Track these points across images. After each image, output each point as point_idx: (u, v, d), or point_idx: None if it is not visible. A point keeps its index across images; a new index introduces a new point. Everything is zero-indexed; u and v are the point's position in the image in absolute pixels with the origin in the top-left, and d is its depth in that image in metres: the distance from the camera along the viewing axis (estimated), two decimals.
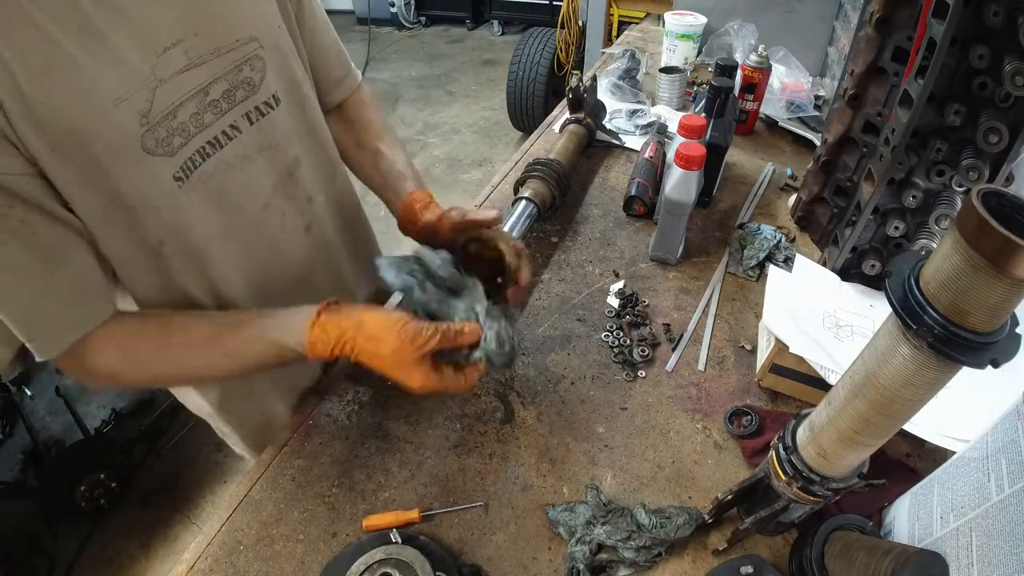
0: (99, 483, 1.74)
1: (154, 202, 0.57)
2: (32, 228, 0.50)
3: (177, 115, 0.56)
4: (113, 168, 0.53)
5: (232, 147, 0.63)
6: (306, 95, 0.73)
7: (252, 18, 0.64)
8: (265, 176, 0.68)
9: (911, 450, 0.72)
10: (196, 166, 0.60)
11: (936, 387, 0.41)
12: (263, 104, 0.65)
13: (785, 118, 1.41)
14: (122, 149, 0.53)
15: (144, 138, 0.54)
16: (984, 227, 0.32)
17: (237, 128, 0.63)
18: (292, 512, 0.67)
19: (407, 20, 5.55)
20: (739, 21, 1.63)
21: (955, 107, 0.68)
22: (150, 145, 0.55)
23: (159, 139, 0.55)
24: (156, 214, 0.58)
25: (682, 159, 0.89)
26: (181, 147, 0.57)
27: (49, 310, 0.55)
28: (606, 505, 0.65)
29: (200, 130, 0.59)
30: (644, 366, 0.84)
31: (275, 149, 0.68)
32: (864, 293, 0.87)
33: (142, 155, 0.54)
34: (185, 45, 0.56)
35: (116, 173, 0.54)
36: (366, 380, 0.82)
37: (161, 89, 0.54)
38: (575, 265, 1.02)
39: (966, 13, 0.63)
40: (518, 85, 3.36)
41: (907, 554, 0.46)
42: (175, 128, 0.56)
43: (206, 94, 0.59)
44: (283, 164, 0.70)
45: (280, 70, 0.67)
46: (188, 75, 0.57)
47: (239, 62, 0.62)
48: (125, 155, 0.53)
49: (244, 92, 0.63)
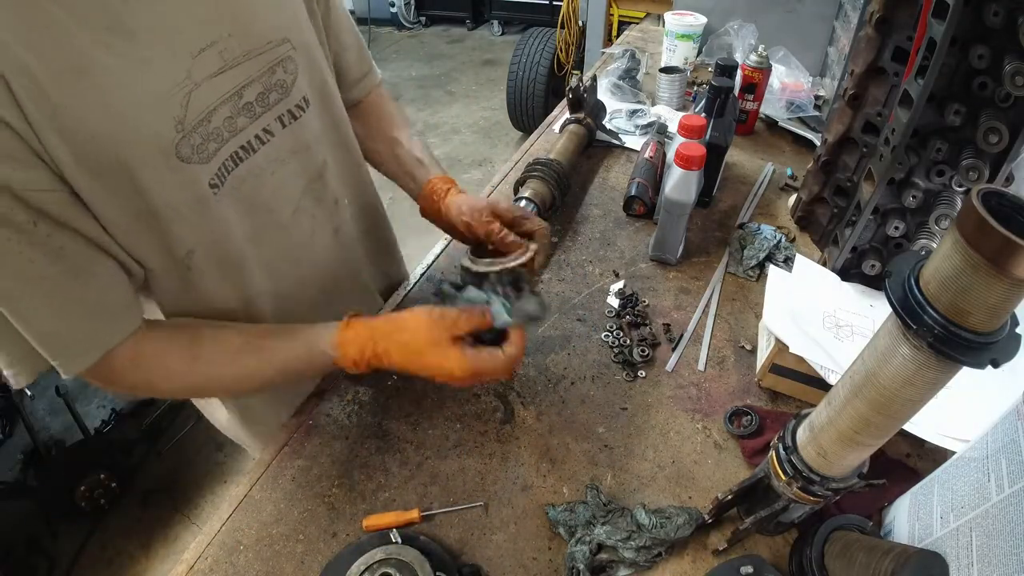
0: (99, 483, 1.74)
1: (187, 211, 0.55)
2: (58, 243, 0.49)
3: (212, 120, 0.54)
4: (145, 177, 0.51)
5: (264, 151, 0.62)
6: (333, 96, 0.72)
7: (283, 19, 0.62)
8: (296, 179, 0.67)
9: (911, 450, 0.72)
10: (229, 172, 0.58)
11: (936, 387, 0.41)
12: (295, 107, 0.64)
13: (785, 118, 1.41)
14: (156, 157, 0.51)
15: (180, 145, 0.52)
16: (984, 227, 0.32)
17: (270, 132, 0.62)
18: (292, 512, 0.67)
19: (407, 20, 5.55)
20: (739, 21, 1.63)
21: (955, 107, 0.68)
22: (185, 152, 0.53)
23: (194, 146, 0.53)
24: (188, 223, 0.56)
25: (682, 159, 0.89)
26: (215, 153, 0.56)
27: (75, 326, 0.53)
28: (606, 505, 0.65)
29: (233, 135, 0.57)
30: (644, 366, 0.84)
31: (306, 152, 0.67)
32: (864, 293, 0.87)
33: (177, 163, 0.52)
34: (220, 46, 0.54)
35: (148, 181, 0.51)
36: (366, 380, 0.82)
37: (196, 93, 0.53)
38: (575, 265, 1.02)
39: (966, 13, 0.63)
40: (518, 85, 3.36)
41: (907, 554, 0.46)
42: (210, 133, 0.55)
43: (240, 97, 0.57)
44: (313, 167, 0.69)
45: (310, 71, 0.66)
46: (223, 77, 0.55)
47: (272, 64, 0.60)
48: (159, 163, 0.51)
49: (277, 95, 0.61)
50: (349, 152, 0.77)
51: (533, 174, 1.05)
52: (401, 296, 0.95)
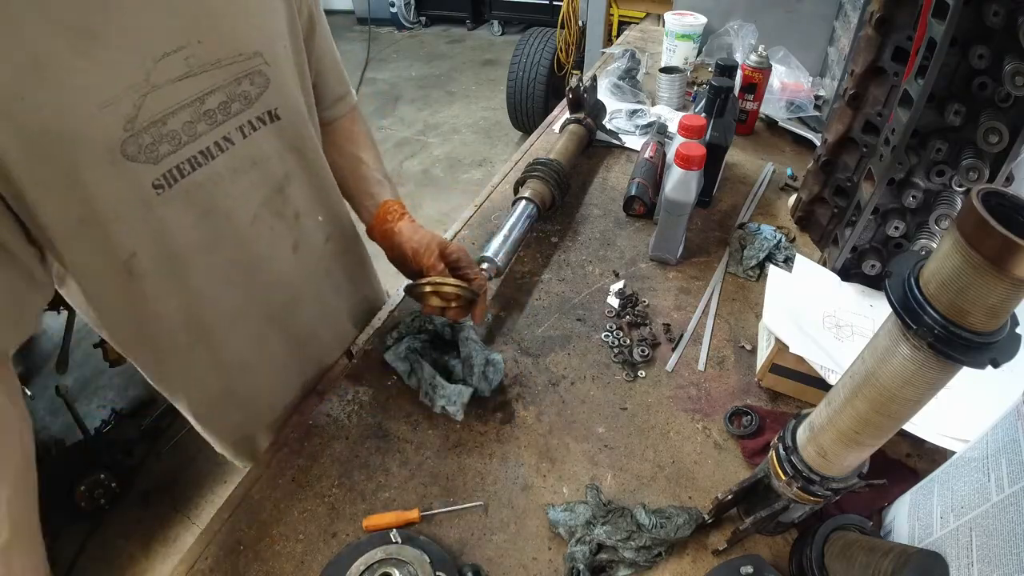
0: (99, 483, 1.74)
1: (129, 209, 0.56)
2: None
3: (168, 122, 0.55)
4: (90, 174, 0.52)
5: (223, 159, 0.62)
6: (304, 115, 0.72)
7: (259, 33, 0.63)
8: (255, 190, 0.67)
9: (911, 450, 0.72)
10: (183, 175, 0.58)
11: (936, 387, 0.41)
12: (256, 119, 0.64)
13: (785, 118, 1.41)
14: (101, 153, 0.52)
15: (126, 144, 0.53)
16: (984, 227, 0.32)
17: (230, 140, 0.62)
18: (292, 512, 0.67)
19: (407, 20, 5.55)
20: (739, 21, 1.63)
21: (955, 107, 0.68)
22: (131, 151, 0.53)
23: (142, 145, 0.54)
24: (130, 222, 0.57)
25: (682, 159, 0.89)
26: (168, 155, 0.56)
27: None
28: (606, 505, 0.65)
29: (193, 139, 0.58)
30: (644, 366, 0.84)
31: (266, 164, 0.67)
32: (864, 293, 0.87)
33: (121, 160, 0.53)
34: (186, 52, 0.55)
35: (92, 179, 0.52)
36: (366, 380, 0.82)
37: (153, 95, 0.53)
38: (575, 265, 1.02)
39: (966, 13, 0.63)
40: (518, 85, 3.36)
41: (907, 554, 0.46)
42: (164, 135, 0.55)
43: (201, 103, 0.58)
44: (273, 179, 0.69)
45: (281, 87, 0.66)
46: (185, 83, 0.56)
47: (240, 75, 0.61)
48: (103, 159, 0.52)
49: (240, 105, 0.62)
50: (317, 170, 0.77)
51: (533, 174, 1.05)
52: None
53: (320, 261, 0.82)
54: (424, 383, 0.77)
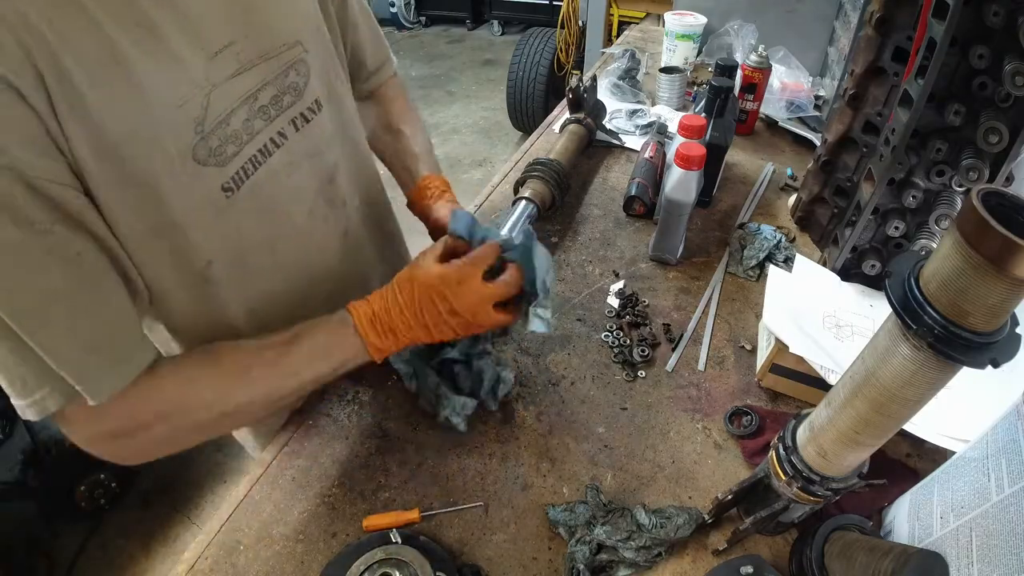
0: (99, 483, 1.74)
1: (203, 216, 0.54)
2: (76, 249, 0.45)
3: (230, 122, 0.53)
4: (164, 180, 0.49)
5: (279, 155, 0.60)
6: (343, 97, 0.71)
7: (297, 21, 0.62)
8: (310, 182, 0.66)
9: (911, 450, 0.72)
10: (248, 175, 0.57)
11: (936, 387, 0.41)
12: (307, 110, 0.63)
13: (785, 118, 1.41)
14: (175, 159, 0.49)
15: (197, 147, 0.50)
16: (984, 227, 0.32)
17: (284, 135, 0.60)
18: (292, 512, 0.67)
19: (407, 20, 5.55)
20: (739, 21, 1.63)
21: (955, 107, 0.68)
22: (202, 155, 0.51)
23: (211, 148, 0.52)
24: (205, 230, 0.54)
25: (682, 159, 0.89)
26: (234, 156, 0.54)
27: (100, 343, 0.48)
28: (606, 505, 0.65)
29: (251, 138, 0.56)
30: (644, 366, 0.84)
31: (319, 155, 0.66)
32: (864, 293, 0.87)
33: (194, 165, 0.51)
34: (236, 48, 0.53)
35: (166, 186, 0.50)
36: (366, 380, 0.82)
37: (215, 94, 0.51)
38: (575, 265, 1.02)
39: (966, 13, 0.63)
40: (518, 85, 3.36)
41: (907, 554, 0.46)
42: (228, 136, 0.53)
43: (255, 100, 0.56)
44: (325, 169, 0.68)
45: (322, 74, 0.65)
46: (239, 80, 0.54)
47: (286, 66, 0.59)
48: (177, 165, 0.50)
49: (291, 98, 0.60)
50: (357, 151, 0.77)
51: (533, 174, 1.05)
52: None
53: (364, 242, 0.81)
54: (428, 390, 0.76)
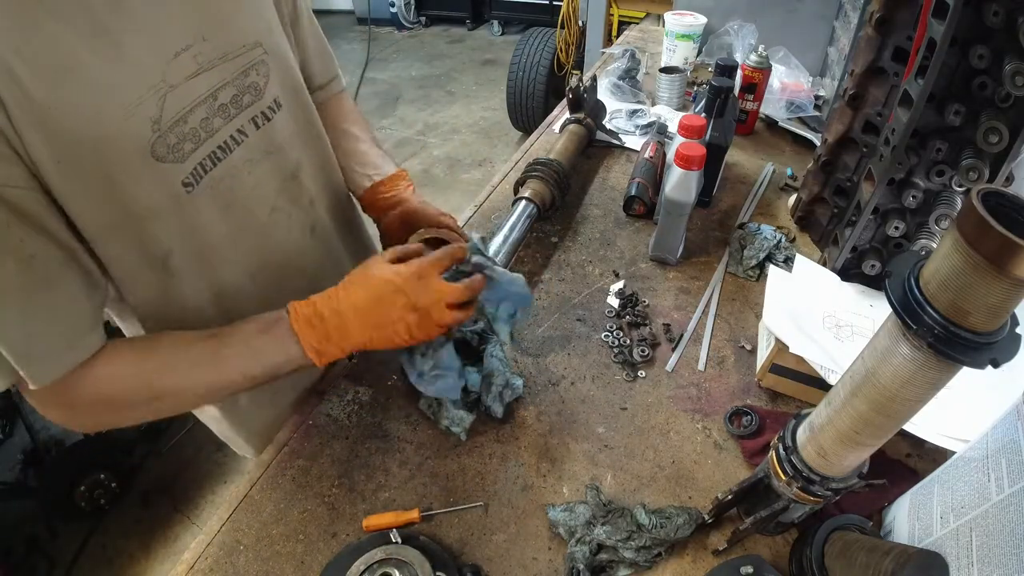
0: (99, 483, 1.74)
1: (163, 210, 0.57)
2: (30, 250, 0.48)
3: (188, 120, 0.56)
4: (123, 177, 0.52)
5: (240, 151, 0.63)
6: (305, 97, 0.73)
7: (256, 23, 0.64)
8: (271, 179, 0.69)
9: (911, 450, 0.72)
10: (206, 171, 0.60)
11: (936, 387, 0.41)
12: (267, 109, 0.66)
13: (785, 118, 1.41)
14: (133, 156, 0.52)
15: (155, 145, 0.53)
16: (984, 227, 0.32)
17: (244, 132, 0.63)
18: (292, 512, 0.67)
19: (407, 20, 5.55)
20: (739, 21, 1.63)
21: (955, 107, 0.68)
22: (160, 152, 0.54)
23: (169, 145, 0.55)
24: (165, 222, 0.57)
25: (682, 159, 0.89)
26: (191, 152, 0.57)
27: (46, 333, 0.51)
28: (606, 505, 0.65)
29: (210, 135, 0.59)
30: (644, 366, 0.84)
31: (279, 153, 0.69)
32: (864, 293, 0.87)
33: (153, 162, 0.54)
34: (194, 50, 0.56)
35: (126, 182, 0.53)
36: (366, 380, 0.82)
37: (172, 94, 0.54)
38: (575, 265, 1.02)
39: (966, 13, 0.63)
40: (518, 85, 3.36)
41: (907, 554, 0.46)
42: (186, 134, 0.56)
43: (215, 99, 0.59)
44: (287, 167, 0.71)
45: (282, 74, 0.68)
46: (198, 80, 0.57)
47: (246, 67, 0.62)
48: (136, 162, 0.52)
49: (251, 97, 0.63)
50: (322, 150, 0.79)
51: (533, 174, 1.05)
52: None
53: (332, 243, 0.84)
54: (430, 396, 0.76)
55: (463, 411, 0.74)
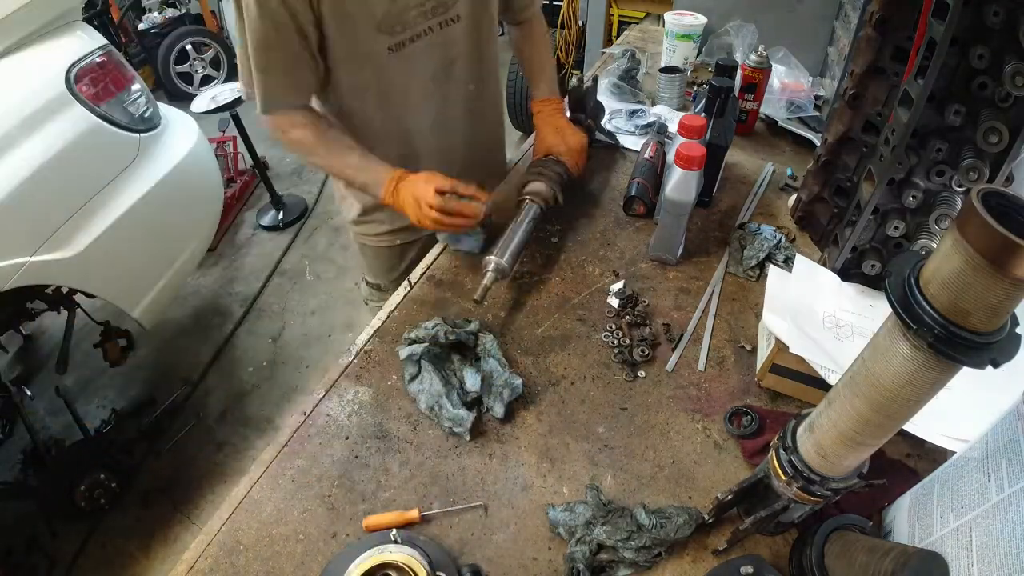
0: (99, 483, 1.74)
1: (373, 60, 0.94)
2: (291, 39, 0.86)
3: (404, 15, 0.91)
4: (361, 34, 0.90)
5: (425, 39, 0.96)
6: (482, 20, 1.02)
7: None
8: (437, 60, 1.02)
9: (911, 450, 0.72)
10: (404, 46, 0.94)
11: (936, 387, 0.41)
12: (449, 19, 0.97)
13: (785, 118, 1.41)
14: (371, 25, 0.89)
15: (381, 23, 0.90)
16: (984, 227, 0.32)
17: (431, 29, 0.96)
18: (292, 512, 0.67)
19: None
20: (739, 21, 1.63)
21: (955, 107, 0.68)
22: (384, 27, 0.90)
23: (391, 26, 0.91)
24: (372, 66, 0.95)
25: (682, 159, 0.89)
26: (401, 32, 0.92)
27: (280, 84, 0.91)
28: (606, 505, 0.65)
29: (415, 25, 0.93)
30: (644, 366, 0.84)
31: (445, 47, 1.01)
32: (864, 293, 0.87)
33: (375, 32, 0.90)
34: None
35: (360, 37, 0.90)
36: (366, 380, 0.82)
37: None
38: (575, 265, 1.02)
39: (966, 13, 0.63)
40: (518, 85, 3.35)
41: (907, 554, 0.46)
42: (401, 21, 0.91)
43: (423, 6, 0.92)
44: (448, 57, 1.03)
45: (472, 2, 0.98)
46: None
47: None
48: (371, 29, 0.89)
49: (443, 9, 0.95)
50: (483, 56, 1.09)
51: (534, 174, 1.05)
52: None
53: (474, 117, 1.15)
54: (430, 397, 0.77)
55: (463, 410, 0.74)
